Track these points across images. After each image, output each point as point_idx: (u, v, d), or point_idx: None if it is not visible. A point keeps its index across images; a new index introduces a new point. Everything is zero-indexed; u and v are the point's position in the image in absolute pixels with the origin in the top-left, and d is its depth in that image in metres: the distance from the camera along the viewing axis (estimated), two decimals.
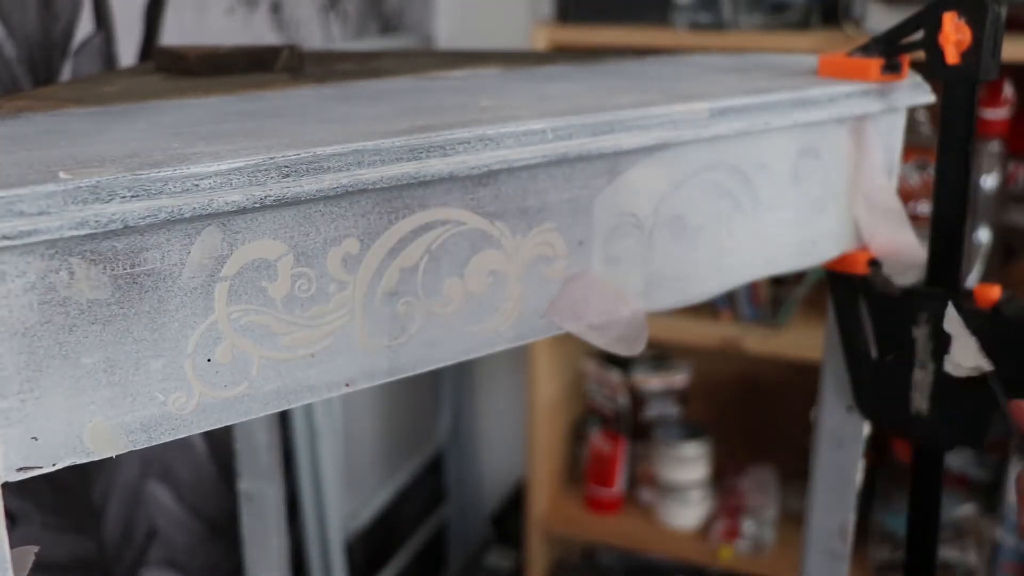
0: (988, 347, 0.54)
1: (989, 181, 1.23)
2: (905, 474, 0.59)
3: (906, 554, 0.59)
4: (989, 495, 1.31)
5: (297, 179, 0.36)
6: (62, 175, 0.32)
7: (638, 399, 1.49)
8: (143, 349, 0.35)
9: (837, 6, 1.25)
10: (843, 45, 0.56)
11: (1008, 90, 1.20)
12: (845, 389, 0.62)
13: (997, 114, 1.20)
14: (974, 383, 0.55)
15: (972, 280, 1.22)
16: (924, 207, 1.22)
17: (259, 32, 1.07)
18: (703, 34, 1.22)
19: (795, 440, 1.49)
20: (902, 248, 0.57)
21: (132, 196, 0.33)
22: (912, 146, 1.14)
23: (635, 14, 1.26)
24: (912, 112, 0.57)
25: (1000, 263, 1.27)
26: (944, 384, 0.56)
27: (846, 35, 1.20)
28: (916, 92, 0.56)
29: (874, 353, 0.59)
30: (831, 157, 0.55)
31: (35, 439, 0.34)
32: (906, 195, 1.16)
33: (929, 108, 0.56)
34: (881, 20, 1.23)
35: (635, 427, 1.50)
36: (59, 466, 0.35)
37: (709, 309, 1.35)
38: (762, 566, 1.38)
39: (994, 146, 1.22)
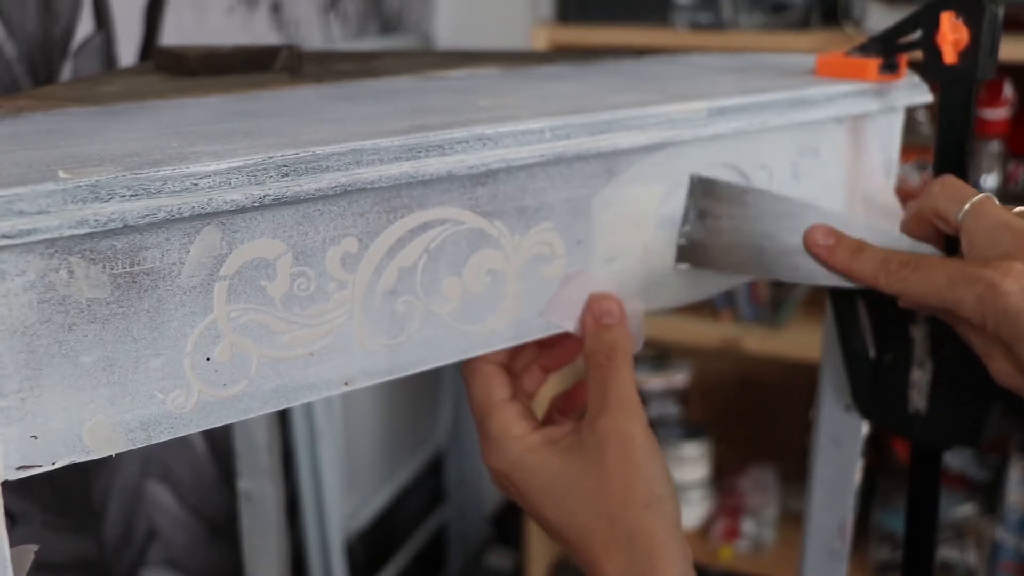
0: None
1: (989, 181, 1.23)
2: (905, 474, 0.59)
3: (904, 554, 0.60)
4: (989, 495, 1.31)
5: (296, 178, 0.36)
6: (61, 174, 0.32)
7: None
8: (142, 348, 0.35)
9: (837, 6, 1.25)
10: (843, 45, 0.56)
11: (1008, 90, 1.20)
12: (843, 389, 0.62)
13: (997, 114, 1.20)
14: (972, 382, 0.55)
15: None
16: None
17: (259, 32, 1.08)
18: (703, 34, 1.22)
19: (795, 440, 1.49)
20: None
21: (131, 195, 0.33)
22: (912, 146, 1.14)
23: (635, 14, 1.26)
24: (912, 112, 0.57)
25: None
26: (942, 383, 0.56)
27: (846, 35, 1.20)
28: (914, 92, 0.56)
29: (872, 352, 0.59)
30: (829, 156, 0.55)
31: (34, 438, 0.34)
32: (906, 195, 1.16)
33: (929, 108, 0.56)
34: (881, 20, 1.23)
35: None
36: (59, 464, 0.35)
37: (709, 309, 1.35)
38: (762, 566, 1.38)
39: (994, 146, 1.22)
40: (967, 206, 0.45)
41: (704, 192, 0.48)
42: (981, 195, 0.46)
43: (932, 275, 0.45)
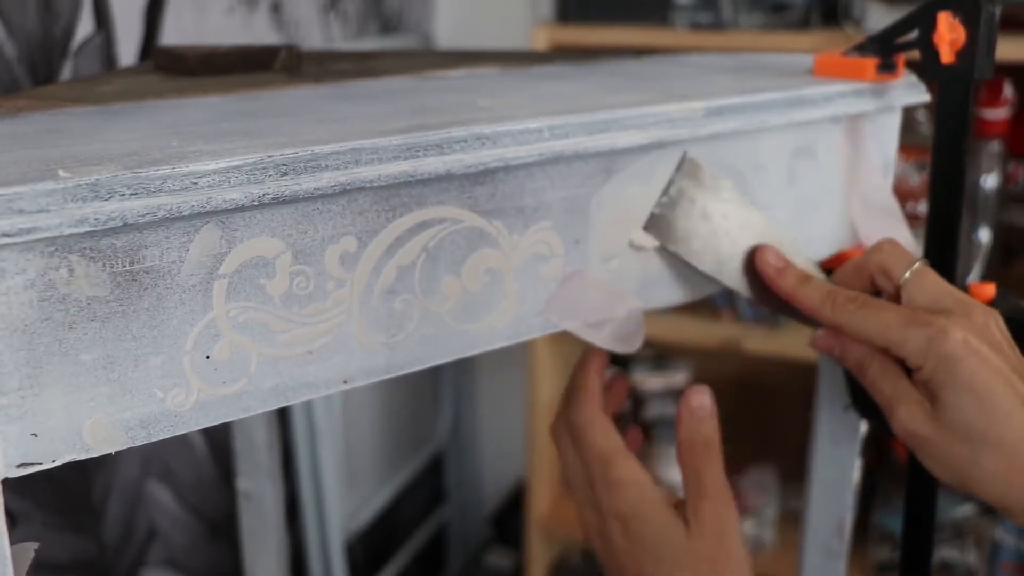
0: None
1: (989, 181, 1.23)
2: (905, 474, 0.60)
3: (901, 553, 0.60)
4: None
5: (295, 177, 0.36)
6: (61, 173, 0.32)
7: (638, 399, 1.50)
8: (142, 346, 0.36)
9: (837, 6, 1.25)
10: (843, 45, 0.56)
11: (1008, 90, 1.20)
12: (841, 388, 0.62)
13: (997, 114, 1.20)
14: None
15: (973, 280, 1.22)
16: (924, 207, 1.22)
17: (259, 32, 1.08)
18: (703, 34, 1.22)
19: (795, 440, 1.49)
20: None
21: (131, 194, 0.33)
22: (912, 146, 1.14)
23: (635, 14, 1.26)
24: (912, 112, 0.57)
25: (1000, 263, 1.27)
26: None
27: (846, 35, 1.20)
28: (911, 91, 0.56)
29: None
30: (827, 156, 0.55)
31: (34, 435, 0.34)
32: (906, 195, 1.16)
33: (929, 108, 0.57)
34: (881, 20, 1.23)
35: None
36: (59, 462, 0.35)
37: (709, 309, 1.35)
38: (762, 566, 1.38)
39: (994, 146, 1.22)
40: (916, 266, 0.50)
41: (690, 174, 0.49)
42: (923, 261, 0.50)
43: (881, 314, 0.48)
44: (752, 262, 0.52)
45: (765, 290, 0.53)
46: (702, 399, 0.51)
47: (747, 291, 0.52)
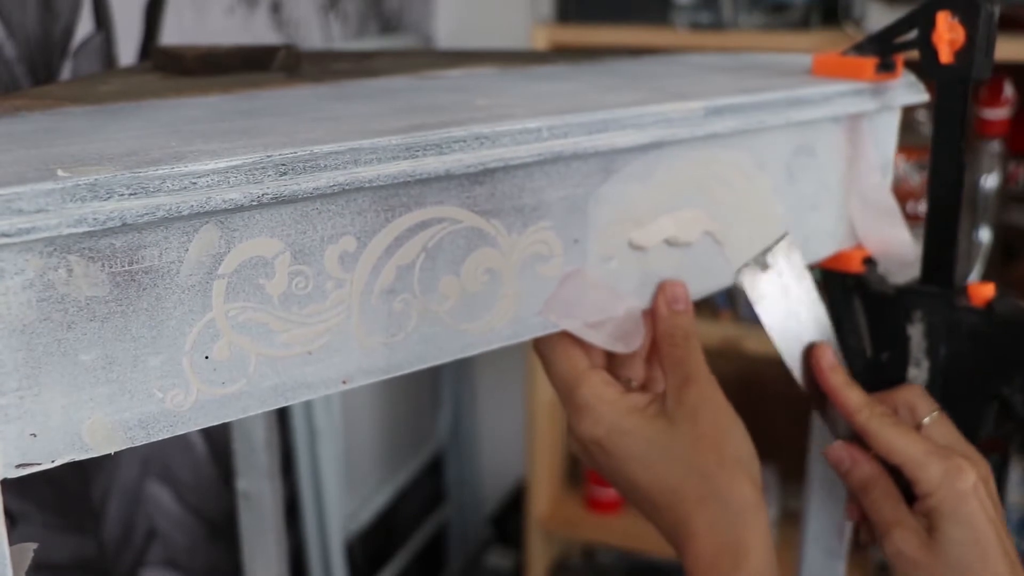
0: (981, 344, 0.54)
1: (989, 181, 1.23)
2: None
3: None
4: None
5: (294, 177, 0.36)
6: (60, 173, 0.32)
7: None
8: (141, 346, 0.36)
9: (837, 6, 1.25)
10: (843, 45, 0.56)
11: (1008, 90, 1.20)
12: None
13: (997, 114, 1.20)
14: (968, 381, 0.56)
15: (973, 280, 1.22)
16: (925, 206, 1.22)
17: (259, 32, 1.08)
18: (703, 34, 1.22)
19: (795, 440, 1.48)
20: (896, 246, 0.58)
21: (130, 194, 0.33)
22: (913, 146, 1.14)
23: (635, 14, 1.26)
24: (913, 112, 0.57)
25: (1000, 263, 1.27)
26: (938, 382, 0.56)
27: (846, 35, 1.20)
28: (910, 91, 0.56)
29: (869, 351, 0.59)
30: (826, 156, 0.55)
31: (34, 435, 0.34)
32: (907, 195, 1.16)
33: (929, 108, 0.57)
34: (881, 20, 1.23)
35: None
36: (58, 462, 0.35)
37: (709, 309, 1.35)
38: None
39: (994, 146, 1.22)
40: (935, 413, 0.54)
41: (785, 252, 0.54)
42: (943, 412, 0.55)
43: (910, 436, 0.52)
44: (809, 352, 0.56)
45: (812, 380, 0.56)
46: (677, 291, 0.51)
47: (797, 373, 0.57)
